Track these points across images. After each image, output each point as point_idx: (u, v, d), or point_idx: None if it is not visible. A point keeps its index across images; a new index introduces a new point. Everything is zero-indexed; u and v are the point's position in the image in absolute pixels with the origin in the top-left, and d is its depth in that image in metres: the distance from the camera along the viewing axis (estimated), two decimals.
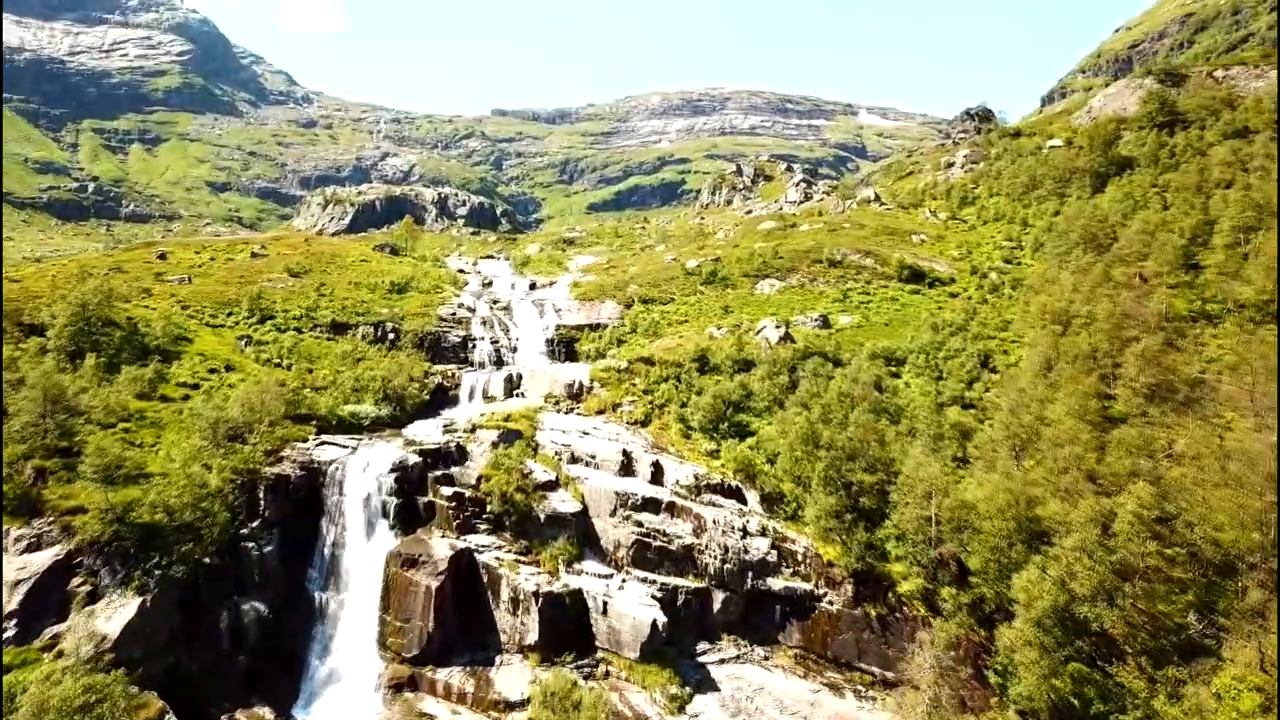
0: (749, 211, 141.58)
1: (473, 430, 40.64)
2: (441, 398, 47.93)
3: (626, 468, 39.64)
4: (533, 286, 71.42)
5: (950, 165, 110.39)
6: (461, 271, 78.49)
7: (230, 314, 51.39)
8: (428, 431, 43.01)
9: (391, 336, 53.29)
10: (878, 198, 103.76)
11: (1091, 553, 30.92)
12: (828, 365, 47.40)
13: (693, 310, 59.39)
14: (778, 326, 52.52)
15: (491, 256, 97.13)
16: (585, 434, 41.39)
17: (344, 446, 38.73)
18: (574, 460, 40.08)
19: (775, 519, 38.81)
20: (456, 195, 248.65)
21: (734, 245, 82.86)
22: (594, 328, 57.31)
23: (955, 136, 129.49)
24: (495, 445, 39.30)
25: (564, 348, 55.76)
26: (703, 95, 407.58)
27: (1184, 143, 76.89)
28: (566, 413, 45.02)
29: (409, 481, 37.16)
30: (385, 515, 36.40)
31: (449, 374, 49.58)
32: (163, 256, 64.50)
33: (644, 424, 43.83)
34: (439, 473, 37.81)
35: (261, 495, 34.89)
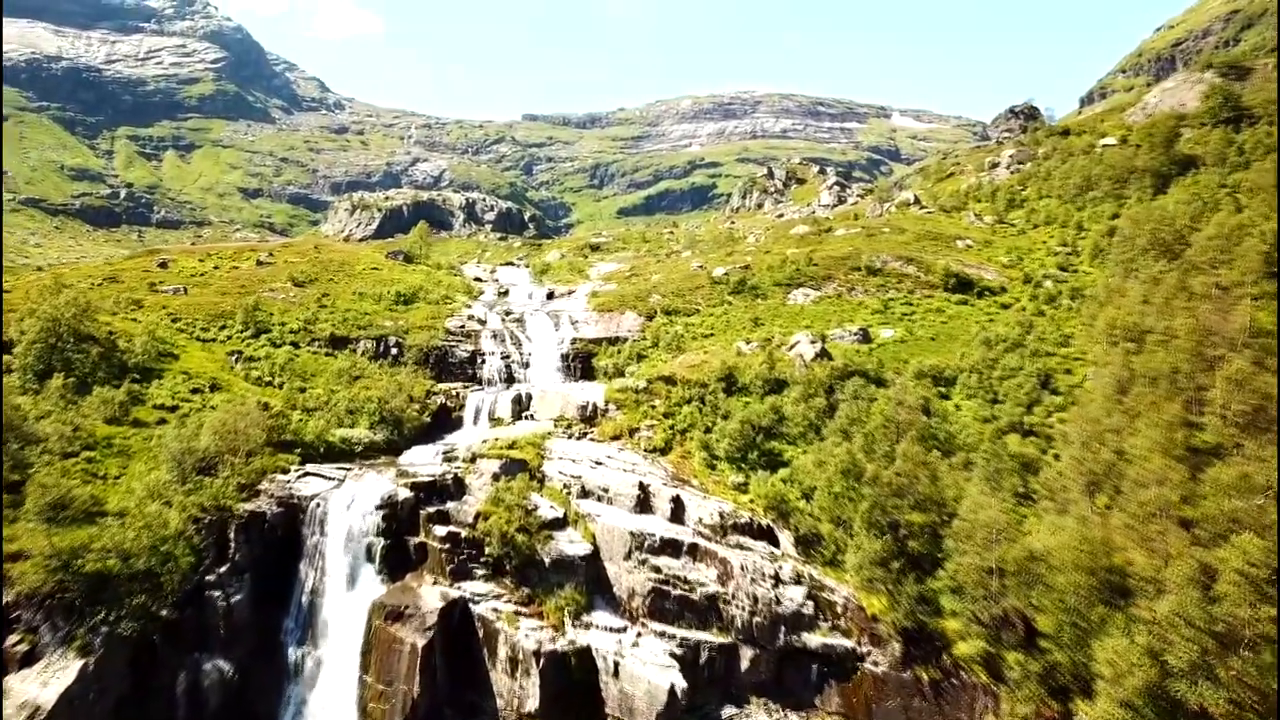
0: (780, 215, 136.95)
1: (473, 460, 36.59)
2: (444, 420, 44.01)
3: (643, 503, 35.33)
4: (550, 296, 67.48)
5: (995, 166, 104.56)
6: (478, 280, 74.87)
7: (223, 327, 48.04)
8: (425, 459, 39.10)
9: (394, 352, 49.55)
10: (917, 200, 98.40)
11: (1190, 619, 25.99)
12: (870, 386, 42.61)
13: (719, 323, 54.92)
14: (813, 341, 47.87)
15: (512, 263, 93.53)
16: (598, 464, 37.15)
17: (329, 478, 34.88)
18: (585, 494, 35.86)
19: (812, 564, 34.26)
20: (484, 200, 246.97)
21: (764, 251, 78.21)
22: (613, 341, 53.06)
23: (999, 136, 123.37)
24: (497, 477, 35.19)
25: (580, 363, 51.59)
26: (734, 99, 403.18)
27: (1253, 140, 70.87)
28: (579, 438, 40.83)
29: (398, 520, 33.16)
30: (371, 558, 32.44)
31: (453, 393, 45.65)
32: (164, 265, 61.63)
33: (663, 452, 39.48)
34: (432, 509, 33.76)
35: (232, 536, 31.12)
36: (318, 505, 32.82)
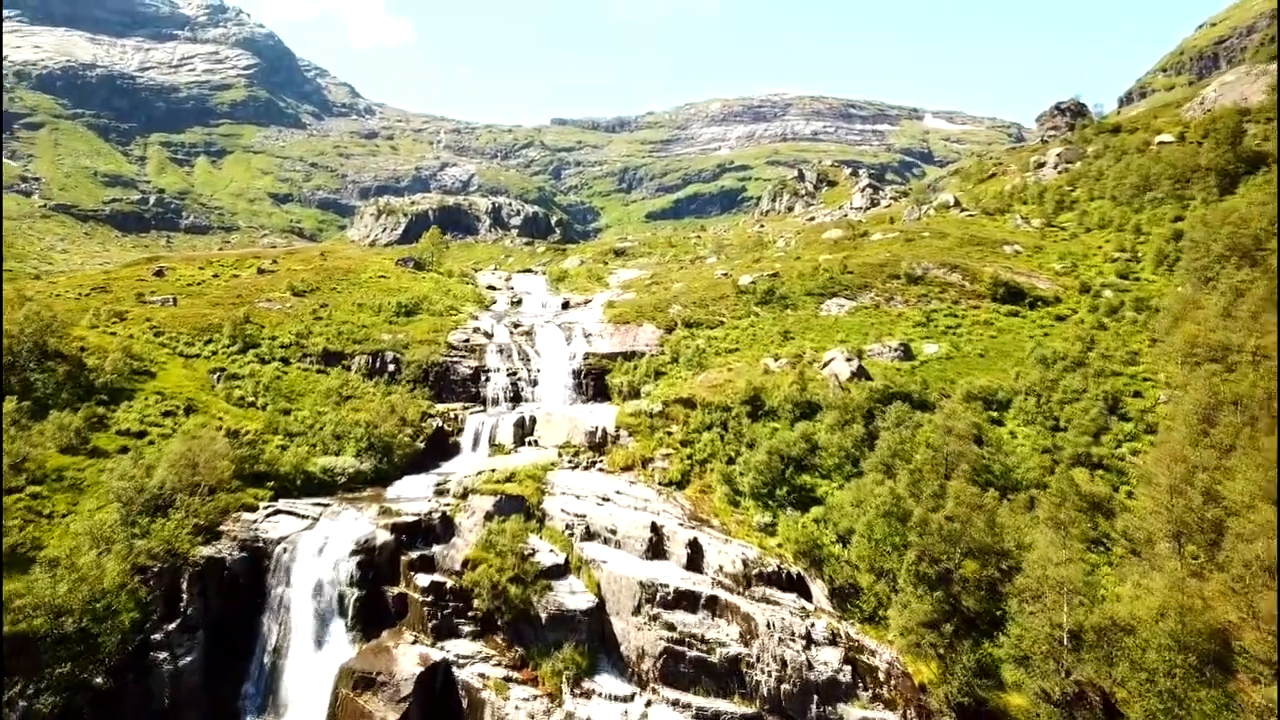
0: (811, 219, 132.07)
1: (464, 496, 32.50)
2: (440, 445, 40.08)
3: (656, 547, 31.02)
4: (566, 305, 63.47)
5: (1040, 165, 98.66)
6: (491, 288, 71.13)
7: (209, 341, 44.63)
8: (415, 491, 35.16)
9: (391, 368, 45.79)
10: (957, 203, 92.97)
11: None
12: (914, 412, 37.90)
13: (745, 336, 50.43)
14: (849, 359, 43.23)
15: (530, 270, 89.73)
16: (605, 500, 32.89)
17: (303, 517, 31.01)
18: (589, 536, 31.62)
19: (849, 620, 29.71)
20: (510, 205, 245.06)
21: (795, 257, 73.58)
22: (628, 357, 48.81)
23: (1043, 134, 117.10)
24: (490, 516, 31.08)
25: (593, 381, 47.39)
26: (764, 101, 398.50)
27: None
28: (587, 467, 36.64)
29: (376, 567, 29.19)
30: (343, 612, 28.49)
31: (451, 415, 41.69)
32: (160, 273, 58.67)
33: (680, 485, 35.13)
34: (415, 555, 29.74)
35: (185, 586, 27.32)
36: (285, 550, 28.96)
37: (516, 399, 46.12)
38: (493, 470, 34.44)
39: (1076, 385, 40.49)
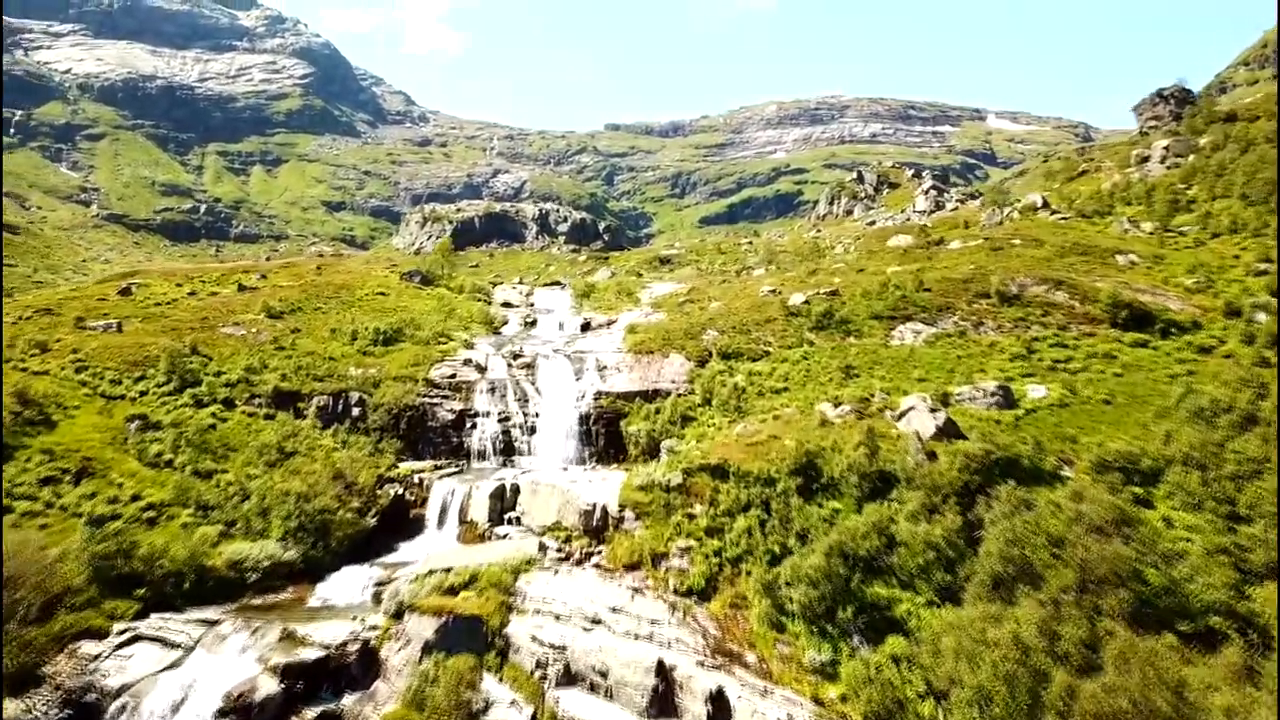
0: (871, 223, 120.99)
1: (399, 615, 23.44)
2: (399, 520, 31.27)
3: (664, 700, 21.50)
4: (586, 327, 54.33)
5: (1144, 160, 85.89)
6: (507, 305, 62.53)
7: (141, 378, 36.79)
8: (349, 592, 26.34)
9: (356, 412, 37.29)
10: (1046, 204, 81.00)
11: None
12: (1029, 489, 27.53)
13: (796, 372, 40.40)
14: (933, 409, 32.97)
15: (558, 283, 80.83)
16: (595, 623, 23.45)
17: (172, 645, 22.31)
18: (569, 679, 22.21)
19: None
20: (558, 211, 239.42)
21: (856, 269, 63.06)
22: (649, 397, 39.30)
23: (1143, 125, 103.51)
24: (431, 649, 21.98)
25: (604, 429, 37.96)
26: (820, 103, 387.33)
27: None
28: (580, 561, 27.24)
29: None
30: None
31: (416, 479, 32.81)
32: (126, 291, 51.55)
33: (703, 596, 25.44)
34: (315, 712, 20.80)
35: None
36: (125, 707, 20.32)
37: (508, 451, 37.09)
38: (446, 571, 25.26)
39: (1254, 452, 29.39)
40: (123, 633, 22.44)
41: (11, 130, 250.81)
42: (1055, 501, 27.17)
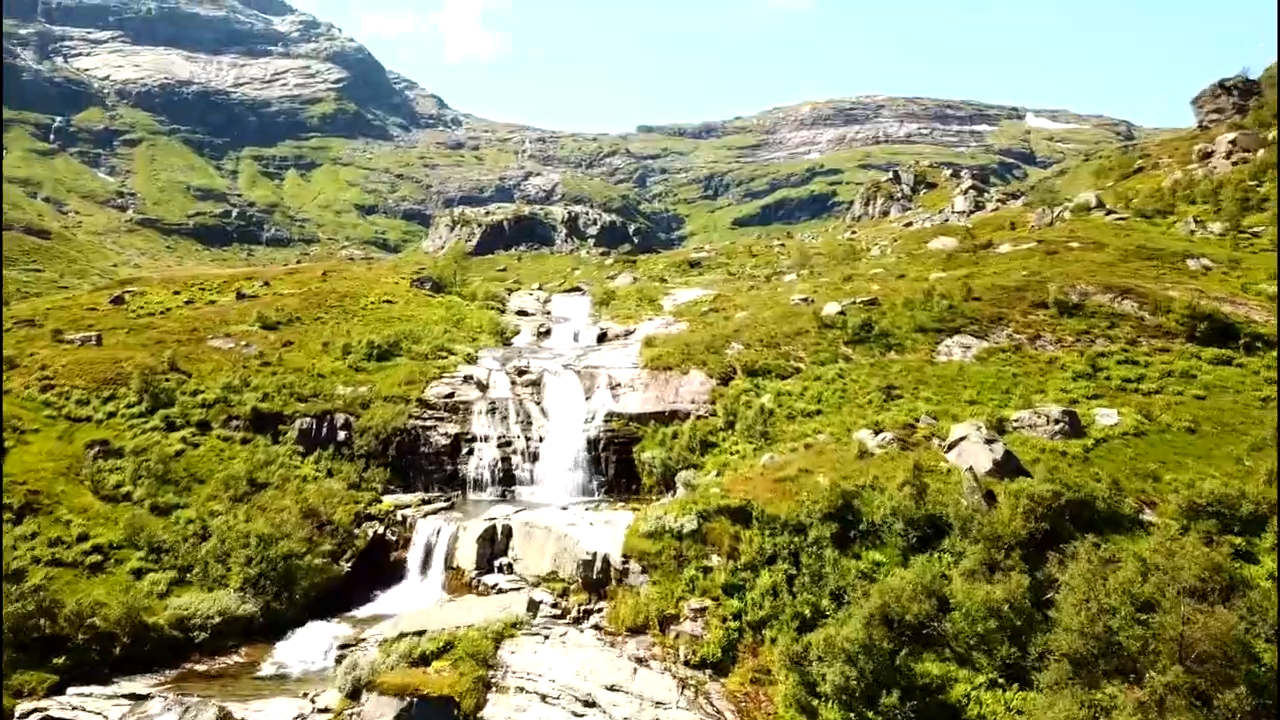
0: (909, 224, 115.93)
1: (354, 694, 19.85)
2: (378, 564, 27.72)
3: None
4: (602, 338, 50.51)
5: (1207, 155, 79.95)
6: (521, 313, 59.00)
7: (111, 398, 33.77)
8: (312, 654, 22.83)
9: (341, 435, 33.92)
10: (1100, 203, 75.50)
11: None
12: (1109, 541, 23.19)
13: (831, 392, 36.11)
14: (988, 439, 28.60)
15: (578, 289, 77.25)
16: (589, 705, 19.63)
17: None
18: None
19: None
20: (588, 214, 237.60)
21: (896, 275, 58.52)
22: (666, 419, 35.32)
23: (1204, 119, 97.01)
24: None
25: (615, 455, 34.07)
26: (855, 104, 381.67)
27: None
28: (575, 622, 23.40)
29: None
30: None
31: (399, 517, 29.26)
32: (118, 300, 48.98)
33: (718, 670, 21.48)
34: None
35: None
36: None
37: (508, 481, 33.44)
38: (419, 634, 21.57)
39: None
40: (28, 715, 19.13)
41: (52, 137, 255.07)
42: (1140, 555, 22.86)
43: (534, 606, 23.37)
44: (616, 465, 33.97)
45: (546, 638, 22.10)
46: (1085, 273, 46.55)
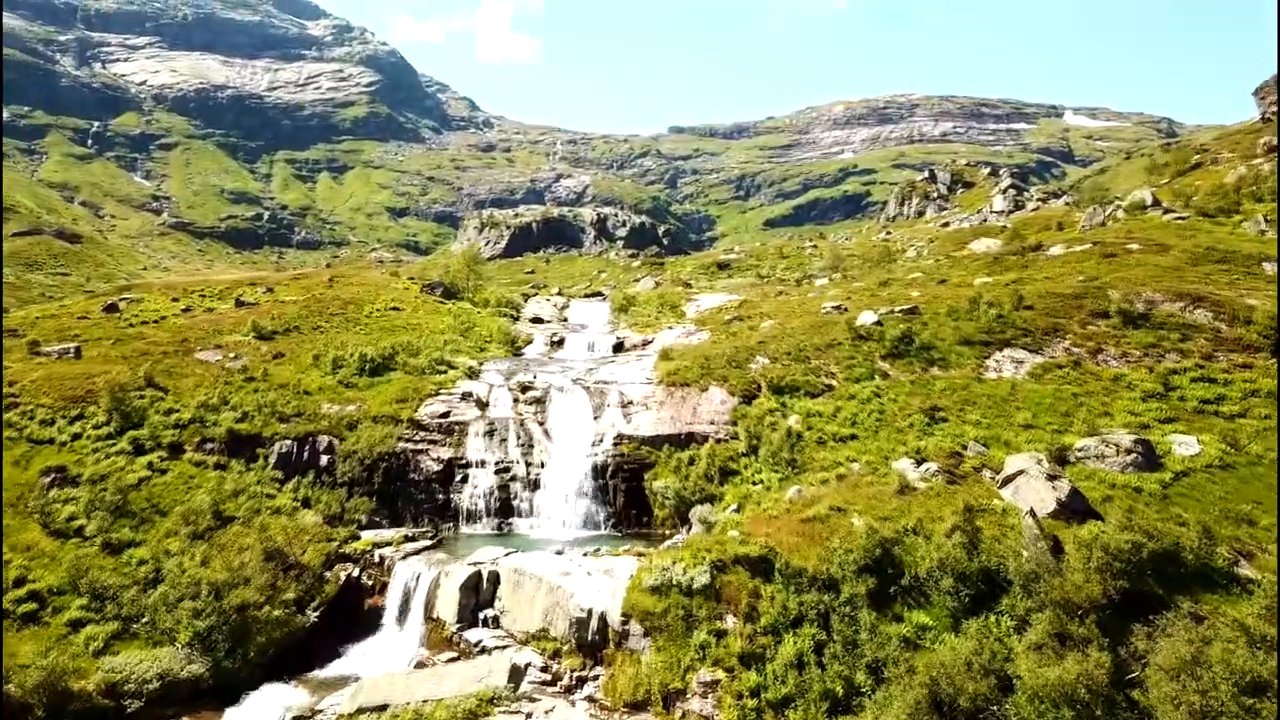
0: (945, 224, 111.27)
1: None
2: (350, 613, 24.56)
3: None
4: (619, 348, 47.15)
5: (1273, 149, 74.38)
6: (536, 320, 55.81)
7: (78, 418, 31.20)
8: None
9: (323, 460, 31.04)
10: (1156, 201, 70.46)
11: None
12: (1200, 601, 19.28)
13: (865, 414, 32.31)
14: (1050, 475, 24.69)
15: (599, 294, 73.97)
16: None
17: None
18: None
19: None
20: (617, 215, 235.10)
21: (937, 280, 54.32)
22: (682, 442, 31.85)
23: (1266, 111, 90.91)
24: None
25: (624, 483, 30.72)
26: (889, 102, 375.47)
27: None
28: (570, 689, 20.09)
29: None
30: None
31: (376, 558, 26.15)
32: (113, 308, 46.83)
33: None
34: None
35: None
36: None
37: (505, 512, 30.24)
38: (380, 710, 18.39)
39: None
40: None
41: (89, 141, 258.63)
42: (1242, 623, 18.89)
43: (517, 675, 19.98)
44: (626, 494, 30.51)
45: (529, 715, 18.70)
46: (1149, 278, 42.09)
